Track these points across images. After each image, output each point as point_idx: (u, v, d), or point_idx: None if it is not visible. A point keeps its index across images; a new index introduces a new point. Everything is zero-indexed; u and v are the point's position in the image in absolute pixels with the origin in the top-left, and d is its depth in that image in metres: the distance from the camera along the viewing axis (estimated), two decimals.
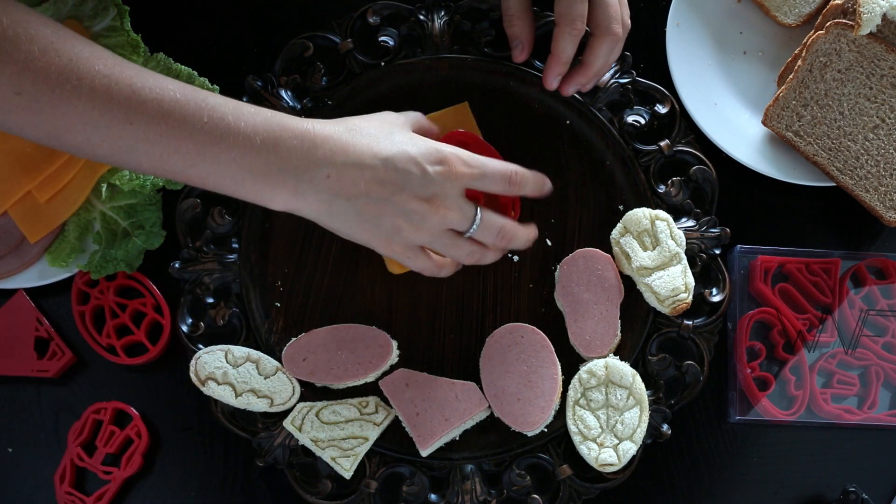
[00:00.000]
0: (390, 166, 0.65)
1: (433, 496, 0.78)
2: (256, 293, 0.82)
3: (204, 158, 0.63)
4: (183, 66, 0.83)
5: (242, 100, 0.83)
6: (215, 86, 0.82)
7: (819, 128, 0.83)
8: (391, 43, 0.86)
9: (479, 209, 0.69)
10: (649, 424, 0.77)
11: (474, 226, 0.69)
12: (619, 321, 0.80)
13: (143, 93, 0.61)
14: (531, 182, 0.73)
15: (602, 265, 0.80)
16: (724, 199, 0.84)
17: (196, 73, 0.82)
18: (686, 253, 0.80)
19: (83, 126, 0.61)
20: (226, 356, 0.78)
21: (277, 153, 0.64)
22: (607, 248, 0.81)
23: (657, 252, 0.79)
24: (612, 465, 0.76)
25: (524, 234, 0.74)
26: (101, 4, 0.83)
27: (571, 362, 0.79)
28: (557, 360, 0.78)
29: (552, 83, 0.80)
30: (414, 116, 0.74)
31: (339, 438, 0.77)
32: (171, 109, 0.62)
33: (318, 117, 0.83)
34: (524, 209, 0.82)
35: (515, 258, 0.82)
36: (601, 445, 0.76)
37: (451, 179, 0.67)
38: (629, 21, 0.79)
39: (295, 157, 0.64)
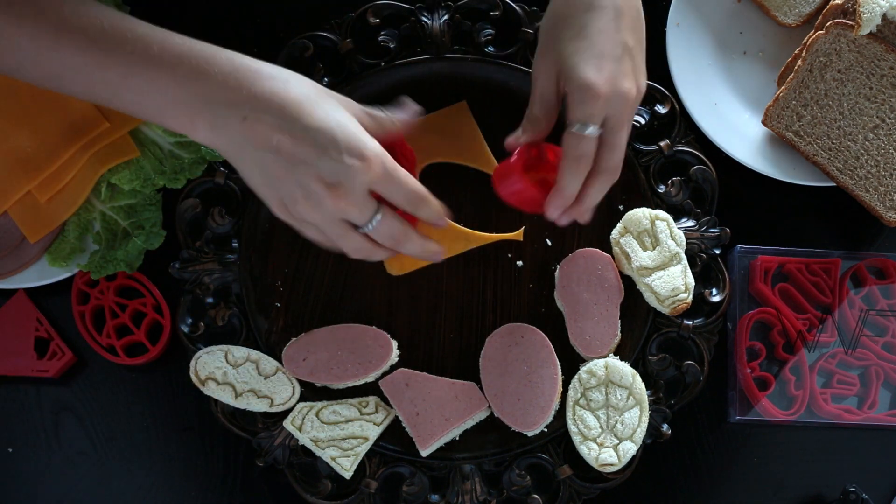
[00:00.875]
0: (309, 136, 0.62)
1: (433, 496, 0.78)
2: (256, 293, 0.82)
3: (128, 88, 0.62)
4: None
5: None
6: None
7: (819, 128, 0.83)
8: (391, 43, 0.86)
9: (380, 210, 0.66)
10: (649, 424, 0.77)
11: (370, 225, 0.66)
12: (620, 321, 0.80)
13: (71, 20, 0.61)
14: (430, 211, 0.68)
15: (602, 265, 0.80)
16: (724, 199, 0.84)
17: None
18: (686, 253, 0.80)
19: (13, 51, 0.61)
20: (226, 356, 0.78)
21: (199, 87, 0.62)
22: (607, 248, 0.81)
23: (657, 252, 0.79)
24: (612, 465, 0.76)
25: (420, 246, 0.70)
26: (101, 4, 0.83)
27: (571, 362, 0.79)
28: (557, 360, 0.78)
29: (557, 217, 0.73)
30: (359, 109, 0.68)
31: (339, 438, 0.77)
32: (97, 38, 0.61)
33: None
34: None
35: (519, 263, 0.82)
36: (601, 445, 0.76)
37: (361, 176, 0.63)
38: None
39: (216, 93, 0.62)
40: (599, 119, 0.69)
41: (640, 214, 0.80)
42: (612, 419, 0.77)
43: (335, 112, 0.64)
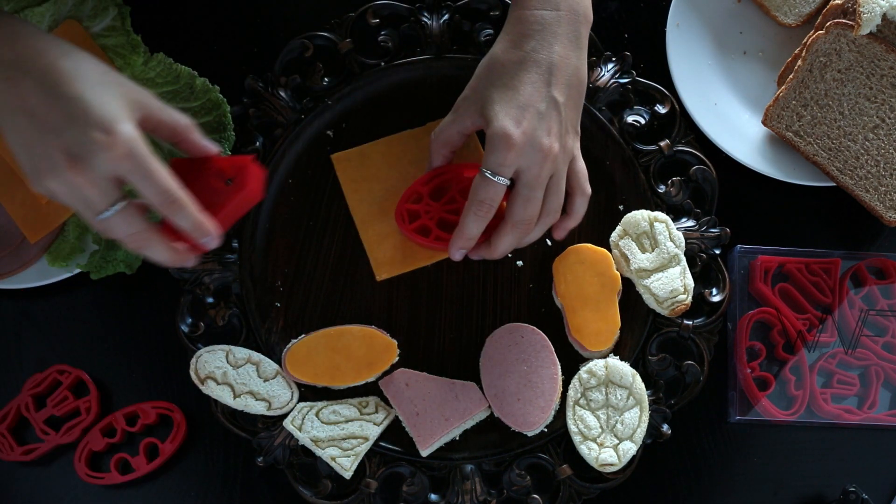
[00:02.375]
0: (62, 104, 0.60)
1: (433, 496, 0.78)
2: (256, 293, 0.82)
3: None
4: (183, 66, 0.82)
5: (242, 100, 0.84)
6: (216, 86, 0.82)
7: (819, 128, 0.83)
8: (391, 43, 0.86)
9: (125, 202, 0.61)
10: (649, 424, 0.77)
11: (106, 214, 0.61)
12: (619, 315, 0.79)
13: None
14: (185, 216, 0.63)
15: (597, 261, 0.80)
16: (724, 199, 0.84)
17: (196, 73, 0.82)
18: (686, 253, 0.80)
19: None
20: (227, 357, 0.78)
21: None
22: (607, 248, 0.81)
23: (656, 254, 0.79)
24: (612, 465, 0.76)
25: (164, 252, 0.64)
26: (102, 4, 0.83)
27: (571, 362, 0.79)
28: (557, 360, 0.78)
29: (457, 257, 0.75)
30: (153, 103, 0.65)
31: (339, 438, 0.77)
32: None
33: (318, 117, 0.84)
34: None
35: (519, 262, 0.82)
36: (601, 445, 0.76)
37: (104, 153, 0.59)
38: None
39: None
40: (510, 170, 0.70)
41: (639, 216, 0.80)
42: (612, 419, 0.77)
43: (102, 90, 0.61)
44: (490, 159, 0.70)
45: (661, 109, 0.85)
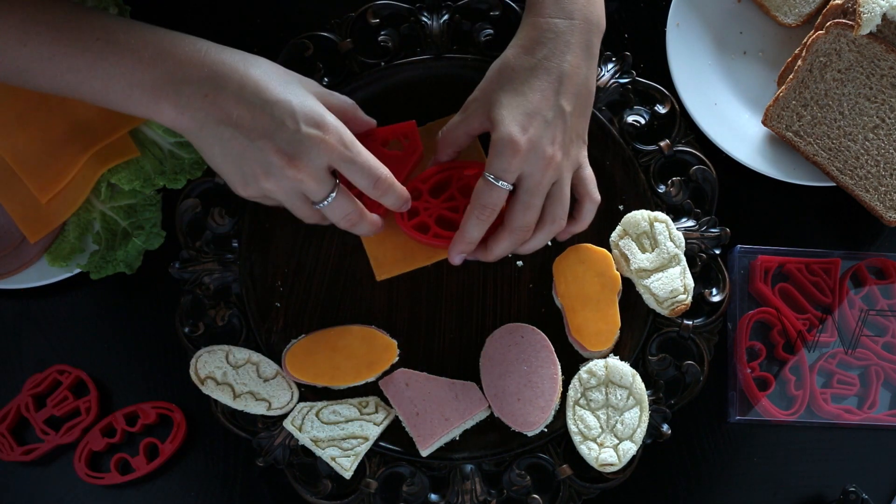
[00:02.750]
0: (267, 109, 0.64)
1: (433, 496, 0.78)
2: (256, 293, 0.82)
3: (95, 74, 0.64)
4: None
5: None
6: None
7: (819, 128, 0.83)
8: (391, 43, 0.86)
9: (338, 188, 0.68)
10: (649, 424, 0.77)
11: (326, 202, 0.68)
12: (619, 315, 0.79)
13: (37, 15, 0.64)
14: (393, 196, 0.70)
15: (597, 261, 0.80)
16: (724, 199, 0.84)
17: None
18: (686, 253, 0.80)
19: None
20: (227, 357, 0.78)
21: (163, 68, 0.64)
22: (607, 248, 0.81)
23: (656, 254, 0.79)
24: (612, 465, 0.76)
25: (368, 225, 0.72)
26: (102, 4, 0.83)
27: (571, 362, 0.79)
28: (557, 360, 0.78)
29: (458, 261, 0.76)
30: (323, 91, 0.72)
31: (339, 438, 0.77)
32: (63, 28, 0.64)
33: None
34: None
35: (519, 262, 0.82)
36: (601, 445, 0.76)
37: (319, 147, 0.65)
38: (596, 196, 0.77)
39: (179, 72, 0.64)
40: (513, 176, 0.70)
41: (639, 216, 0.80)
42: (612, 419, 0.77)
43: (294, 87, 0.66)
44: (494, 164, 0.70)
45: (661, 109, 0.85)
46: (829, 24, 0.82)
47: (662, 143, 0.84)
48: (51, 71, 0.65)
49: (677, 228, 0.80)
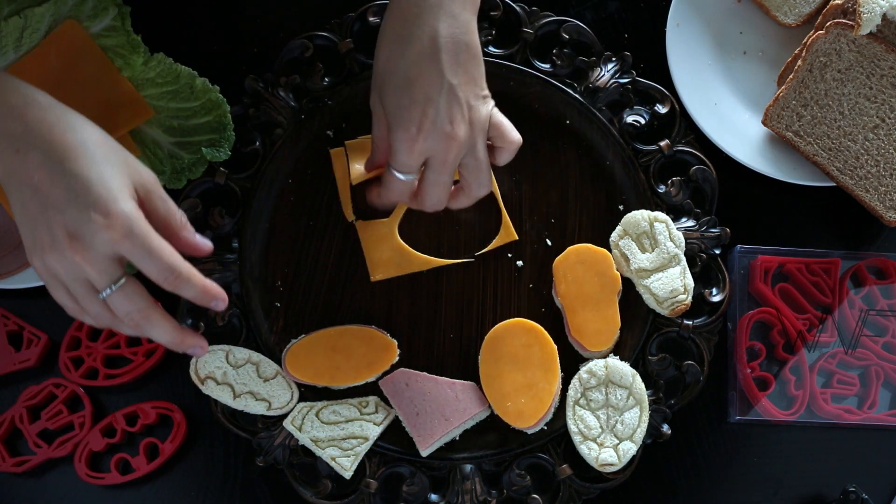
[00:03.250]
0: (65, 181, 0.60)
1: (433, 496, 0.78)
2: (256, 293, 0.82)
3: None
4: (183, 66, 0.83)
5: (242, 100, 0.84)
6: (216, 86, 0.82)
7: (819, 128, 0.83)
8: None
9: (125, 280, 0.62)
10: (649, 424, 0.77)
11: (106, 291, 0.62)
12: (619, 315, 0.79)
13: None
14: (192, 289, 0.63)
15: (597, 261, 0.80)
16: (724, 199, 0.84)
17: (196, 73, 0.82)
18: (686, 253, 0.80)
19: None
20: (227, 357, 0.78)
21: None
22: (607, 248, 0.81)
23: (656, 254, 0.79)
24: (612, 464, 0.76)
25: (166, 333, 0.65)
26: (101, 4, 0.83)
27: (571, 362, 0.79)
28: (557, 359, 0.78)
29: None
30: (149, 179, 0.65)
31: (339, 438, 0.77)
32: None
33: (318, 117, 0.84)
34: (523, 207, 0.83)
35: (519, 262, 0.82)
36: (601, 445, 0.76)
37: (100, 235, 0.60)
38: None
39: (0, 124, 0.62)
40: (414, 167, 0.72)
41: (639, 216, 0.80)
42: (612, 419, 0.77)
43: (105, 167, 0.61)
44: (395, 160, 0.71)
45: (661, 109, 0.85)
46: (829, 24, 0.82)
47: (662, 143, 0.84)
48: None
49: (677, 228, 0.80)
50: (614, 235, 0.81)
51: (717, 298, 0.81)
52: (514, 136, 0.75)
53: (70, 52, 0.81)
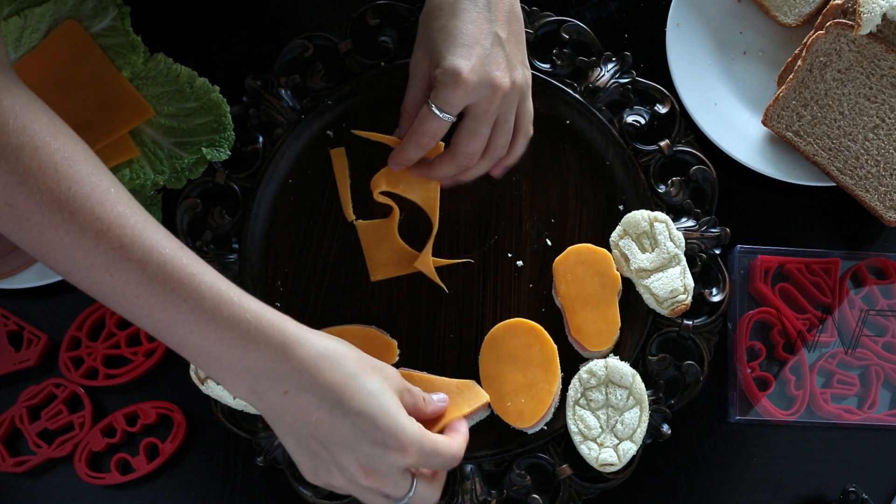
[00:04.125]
0: (348, 421, 0.61)
1: None
2: (256, 293, 0.81)
3: (173, 333, 0.61)
4: (183, 66, 0.83)
5: (242, 100, 0.84)
6: (216, 86, 0.82)
7: (819, 128, 0.83)
8: (391, 43, 0.86)
9: (414, 485, 0.64)
10: (649, 424, 0.77)
11: (405, 500, 0.64)
12: (619, 315, 0.79)
13: (131, 248, 0.59)
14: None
15: (597, 261, 0.80)
16: (724, 199, 0.84)
17: (196, 73, 0.82)
18: (686, 253, 0.80)
19: (65, 258, 0.59)
20: None
21: (244, 353, 0.60)
22: (607, 248, 0.81)
23: (656, 254, 0.79)
24: (612, 464, 0.76)
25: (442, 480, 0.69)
26: (101, 4, 0.83)
27: (571, 362, 0.79)
28: (557, 359, 0.78)
29: (394, 168, 0.78)
30: (401, 384, 0.67)
31: None
32: (152, 277, 0.59)
33: (318, 117, 0.84)
34: (523, 207, 0.83)
35: (519, 262, 0.82)
36: (601, 445, 0.76)
37: (398, 462, 0.62)
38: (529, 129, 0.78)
39: (261, 363, 0.61)
40: (457, 108, 0.71)
41: (639, 216, 0.80)
42: (612, 419, 0.77)
43: (378, 395, 0.62)
44: (438, 96, 0.71)
45: (661, 109, 0.85)
46: (829, 24, 0.82)
47: (662, 143, 0.84)
48: (129, 309, 0.60)
49: (677, 228, 0.80)
50: (614, 235, 0.81)
51: (717, 298, 0.81)
52: (531, 128, 0.77)
53: (70, 52, 0.81)
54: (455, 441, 0.67)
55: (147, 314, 0.60)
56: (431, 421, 0.70)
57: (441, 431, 0.70)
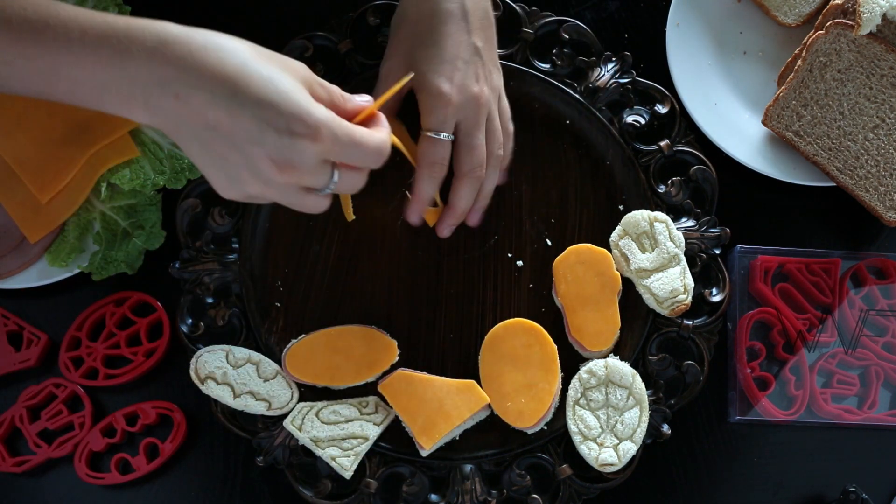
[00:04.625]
0: (247, 112, 0.56)
1: (433, 496, 0.78)
2: (256, 293, 0.82)
3: (58, 77, 0.58)
4: None
5: None
6: None
7: (819, 128, 0.83)
8: None
9: (335, 172, 0.61)
10: (649, 424, 0.77)
11: (328, 189, 0.62)
12: (619, 315, 0.79)
13: None
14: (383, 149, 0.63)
15: (597, 261, 0.80)
16: (724, 199, 0.84)
17: None
18: (686, 253, 0.80)
19: None
20: (227, 356, 0.78)
21: (125, 66, 0.57)
22: (607, 248, 0.81)
23: (656, 254, 0.79)
24: (612, 464, 0.76)
25: (372, 162, 0.63)
26: (101, 4, 0.83)
27: (571, 362, 0.79)
28: (558, 359, 0.78)
29: (415, 221, 0.78)
30: (309, 75, 0.61)
31: (339, 438, 0.77)
32: (21, 28, 0.56)
33: None
34: (523, 207, 0.83)
35: (519, 262, 0.82)
36: (601, 445, 0.76)
37: (311, 148, 0.58)
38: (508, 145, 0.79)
39: (143, 71, 0.57)
40: (451, 126, 0.72)
41: (639, 216, 0.80)
42: (612, 419, 0.77)
43: (277, 79, 0.57)
44: (431, 120, 0.72)
45: (661, 109, 0.85)
46: (829, 24, 0.82)
47: (662, 143, 0.84)
48: (17, 75, 0.59)
49: (677, 228, 0.80)
50: (614, 235, 0.81)
51: (717, 298, 0.81)
52: (510, 125, 0.78)
53: None
54: (377, 133, 0.61)
55: (31, 69, 0.58)
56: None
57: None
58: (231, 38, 0.59)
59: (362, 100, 0.64)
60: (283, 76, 0.58)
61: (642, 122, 0.85)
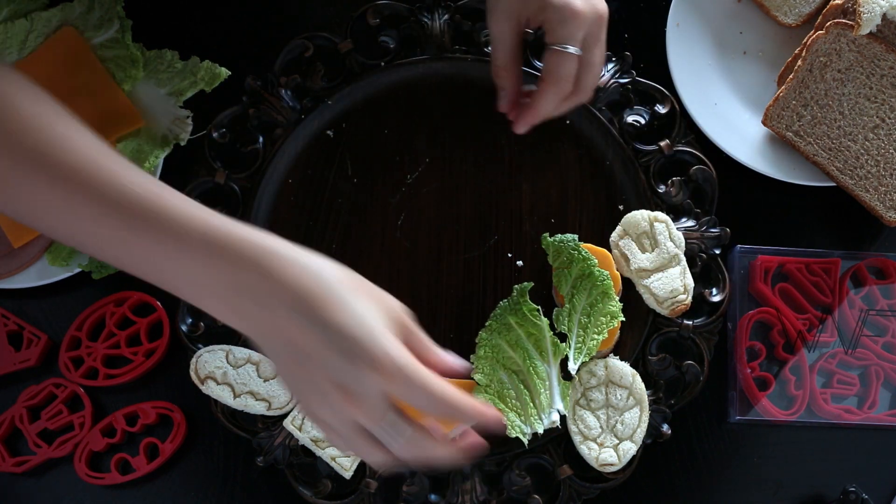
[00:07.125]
0: (322, 335, 0.56)
1: (433, 496, 0.78)
2: None
3: (164, 269, 0.59)
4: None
5: (242, 100, 0.84)
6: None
7: (819, 128, 0.83)
8: (391, 43, 0.86)
9: (392, 414, 0.58)
10: (649, 424, 0.77)
11: (390, 435, 0.58)
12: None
13: (107, 191, 0.58)
14: (466, 418, 0.59)
15: (598, 261, 0.80)
16: (724, 199, 0.84)
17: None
18: (686, 253, 0.80)
19: (47, 214, 0.58)
20: (227, 356, 0.78)
21: (218, 269, 0.57)
22: (607, 248, 0.81)
23: (656, 254, 0.79)
24: (612, 464, 0.76)
25: (442, 454, 0.61)
26: (107, 16, 0.83)
27: None
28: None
29: (521, 130, 0.78)
30: (398, 311, 0.60)
31: None
32: (134, 214, 0.57)
33: (318, 117, 0.84)
34: (523, 207, 0.83)
35: (519, 262, 0.82)
36: (601, 445, 0.76)
37: (375, 384, 0.56)
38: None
39: (236, 278, 0.57)
40: (580, 39, 0.71)
41: (639, 216, 0.80)
42: (613, 419, 0.77)
43: (360, 310, 0.57)
44: (560, 32, 0.71)
45: (661, 109, 0.85)
46: (829, 24, 0.82)
47: (662, 143, 0.84)
48: (115, 252, 0.59)
49: (677, 228, 0.80)
50: (614, 235, 0.81)
51: (717, 298, 0.81)
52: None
53: (66, 58, 0.82)
54: (448, 384, 0.58)
55: (125, 252, 0.59)
56: None
57: None
58: (326, 261, 0.60)
59: (453, 360, 0.61)
60: (366, 306, 0.57)
61: (642, 122, 0.85)
